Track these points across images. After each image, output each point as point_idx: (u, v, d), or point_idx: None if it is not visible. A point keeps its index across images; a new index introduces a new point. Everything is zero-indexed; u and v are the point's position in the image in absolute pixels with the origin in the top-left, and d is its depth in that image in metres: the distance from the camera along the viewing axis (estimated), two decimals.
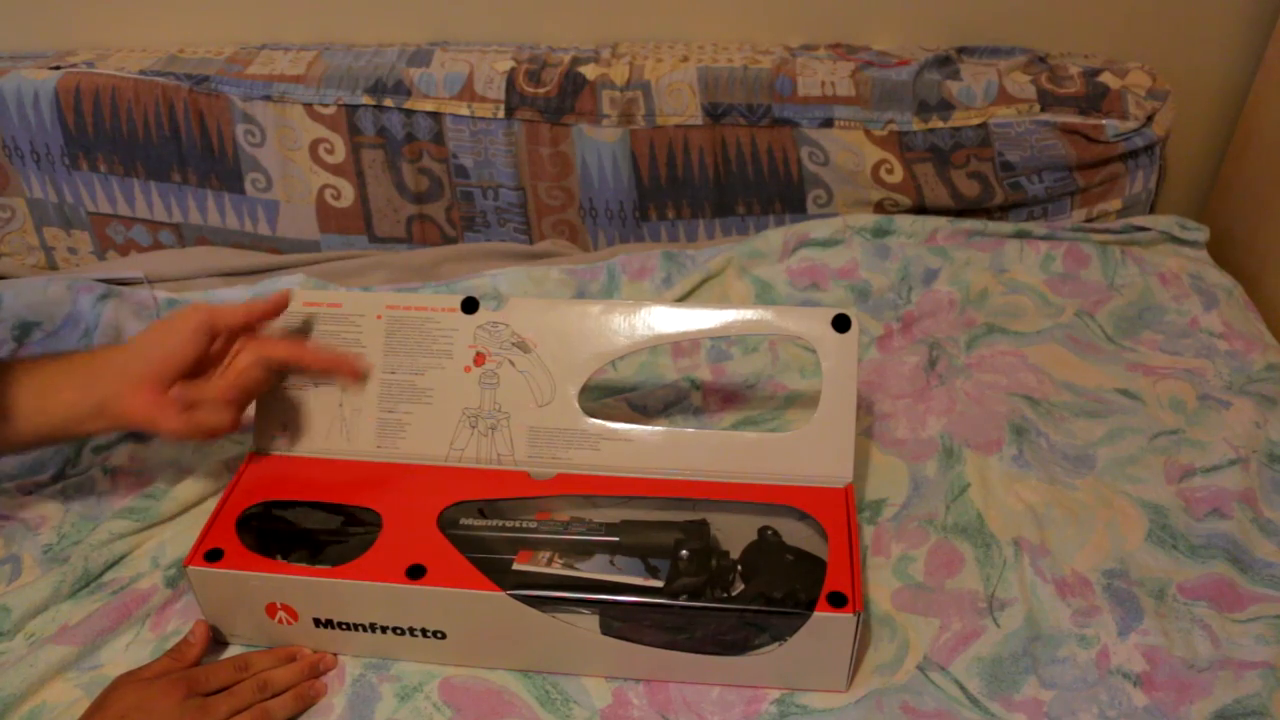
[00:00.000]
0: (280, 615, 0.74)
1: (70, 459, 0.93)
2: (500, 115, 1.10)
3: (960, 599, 0.79)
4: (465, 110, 1.10)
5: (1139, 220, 1.15)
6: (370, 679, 0.74)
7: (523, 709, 0.72)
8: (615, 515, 0.79)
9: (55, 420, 0.74)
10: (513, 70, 1.11)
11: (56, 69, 1.10)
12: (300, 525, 0.79)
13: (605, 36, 1.19)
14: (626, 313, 0.81)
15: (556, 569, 0.75)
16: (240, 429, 0.78)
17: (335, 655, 0.76)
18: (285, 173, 1.13)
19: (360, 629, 0.74)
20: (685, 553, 0.74)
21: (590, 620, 0.73)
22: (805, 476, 0.79)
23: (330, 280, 1.11)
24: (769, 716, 0.71)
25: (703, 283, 1.09)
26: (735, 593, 0.74)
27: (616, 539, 0.76)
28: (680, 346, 1.03)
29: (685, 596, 0.72)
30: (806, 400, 0.97)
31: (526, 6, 1.17)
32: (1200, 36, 1.18)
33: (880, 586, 0.80)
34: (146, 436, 0.95)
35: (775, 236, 1.12)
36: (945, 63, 1.15)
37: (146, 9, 1.16)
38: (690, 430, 0.82)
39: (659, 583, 0.73)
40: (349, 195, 1.14)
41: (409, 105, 1.10)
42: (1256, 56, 1.17)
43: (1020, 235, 1.12)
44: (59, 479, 0.91)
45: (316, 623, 0.74)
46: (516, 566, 0.75)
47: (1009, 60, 1.16)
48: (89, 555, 0.82)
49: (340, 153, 1.12)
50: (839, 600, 0.69)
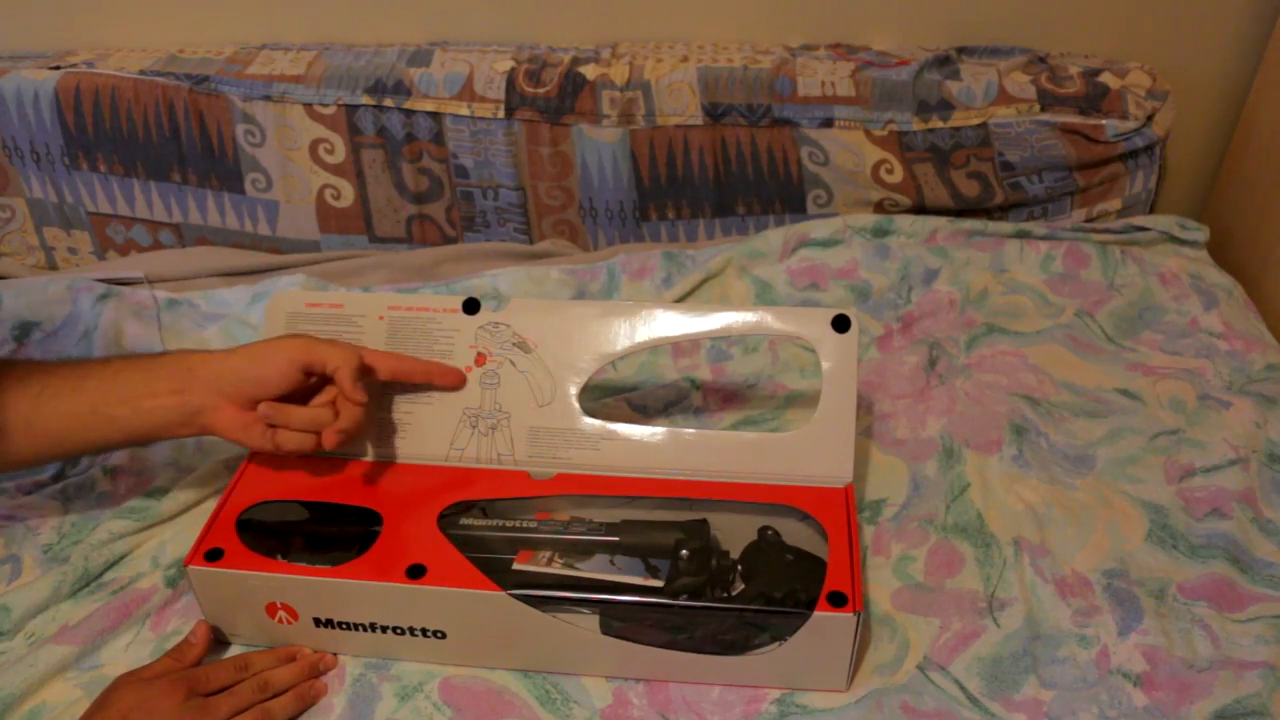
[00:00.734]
0: (280, 615, 0.74)
1: (70, 459, 0.93)
2: (500, 115, 1.10)
3: (960, 599, 0.79)
4: (465, 110, 1.10)
5: (1139, 220, 1.15)
6: (370, 679, 0.74)
7: (523, 709, 0.72)
8: (615, 515, 0.79)
9: (150, 423, 0.76)
10: (513, 70, 1.11)
11: (56, 69, 1.10)
12: (300, 525, 0.79)
13: (605, 36, 1.19)
14: (627, 313, 0.81)
15: (557, 569, 0.75)
16: (345, 445, 0.78)
17: (335, 655, 0.76)
18: (285, 173, 1.13)
19: (360, 629, 0.74)
20: (685, 552, 0.74)
21: (590, 620, 0.73)
22: (805, 476, 0.79)
23: (330, 280, 1.11)
24: (769, 716, 0.71)
25: (703, 283, 1.09)
26: (735, 592, 0.74)
27: (617, 539, 0.76)
28: (680, 346, 1.03)
29: (685, 596, 0.72)
30: (806, 400, 0.97)
31: (526, 6, 1.17)
32: (1200, 36, 1.18)
33: (880, 586, 0.80)
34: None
35: (775, 236, 1.12)
36: (945, 63, 1.15)
37: (146, 9, 1.16)
38: (690, 430, 0.82)
39: (659, 582, 0.73)
40: (349, 195, 1.14)
41: (409, 105, 1.10)
42: (1256, 56, 1.17)
43: (1020, 235, 1.12)
44: (59, 479, 0.91)
45: (316, 622, 0.74)
46: (517, 566, 0.75)
47: (1009, 60, 1.16)
48: (89, 555, 0.82)
49: (340, 153, 1.12)
50: (839, 600, 0.69)
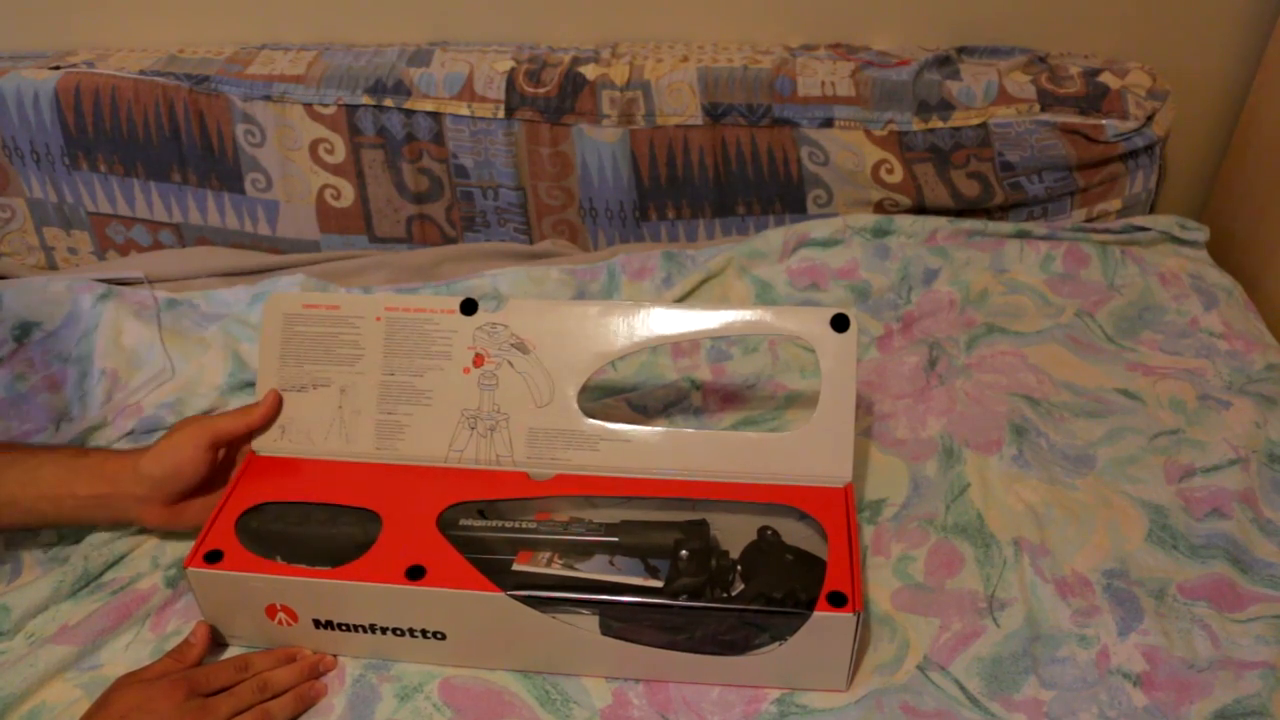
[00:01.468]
0: (280, 616, 0.74)
1: None
2: (500, 115, 1.10)
3: (960, 599, 0.79)
4: (465, 110, 1.10)
5: (1139, 220, 1.15)
6: (370, 679, 0.74)
7: (523, 709, 0.72)
8: (615, 515, 0.79)
9: (74, 518, 0.81)
10: (513, 70, 1.11)
11: (56, 69, 1.10)
12: (300, 526, 0.79)
13: (605, 36, 1.19)
14: (625, 313, 0.81)
15: (556, 569, 0.75)
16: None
17: (335, 656, 0.76)
18: (285, 173, 1.13)
19: (360, 630, 0.74)
20: (685, 553, 0.74)
21: (590, 621, 0.73)
22: (804, 476, 0.79)
23: (330, 280, 1.11)
24: (769, 716, 0.71)
25: (703, 283, 1.09)
26: (735, 593, 0.74)
27: (616, 539, 0.76)
28: (680, 347, 1.03)
29: (685, 596, 0.72)
30: (806, 400, 0.97)
31: (526, 6, 1.17)
32: (1200, 36, 1.18)
33: (880, 586, 0.80)
34: (147, 436, 0.96)
35: (775, 236, 1.12)
36: (945, 63, 1.15)
37: (146, 9, 1.16)
38: (689, 430, 0.82)
39: (659, 583, 0.73)
40: (349, 195, 1.14)
41: (409, 105, 1.10)
42: (1256, 56, 1.17)
43: (1020, 235, 1.12)
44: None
45: (316, 624, 0.74)
46: (516, 567, 0.75)
47: (1009, 60, 1.16)
48: (89, 555, 0.82)
49: (340, 153, 1.12)
50: (839, 600, 0.69)
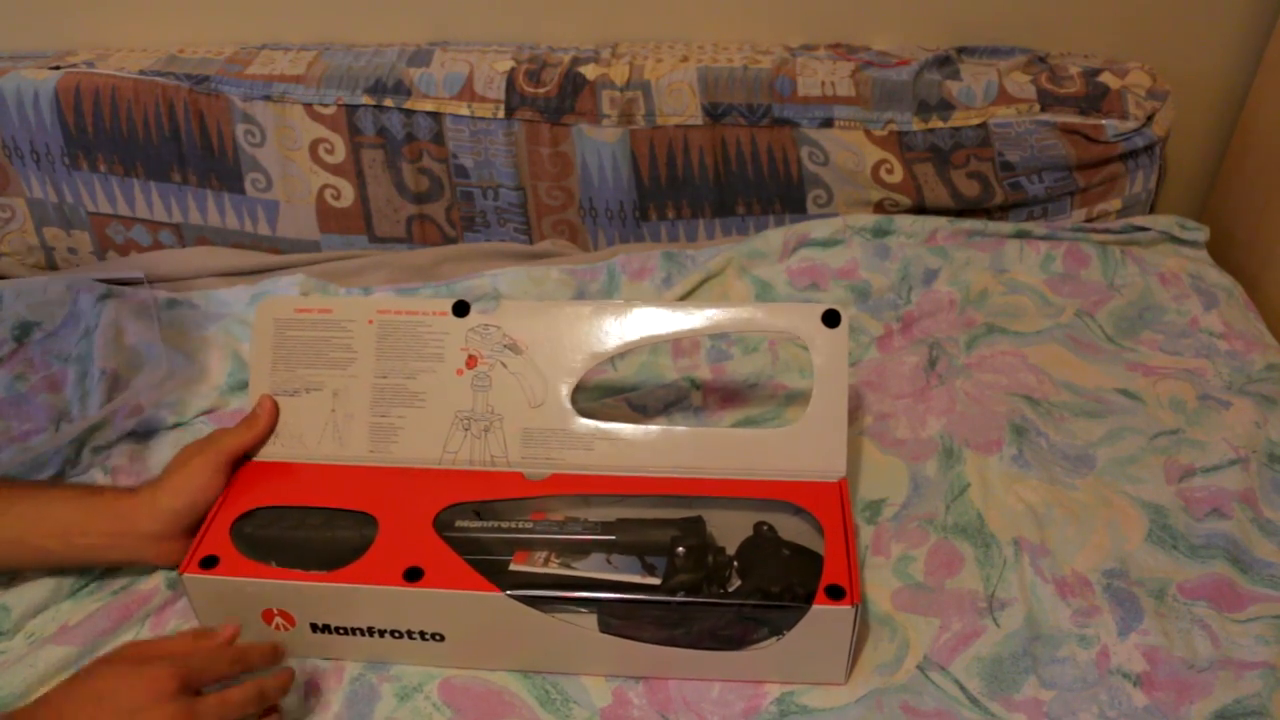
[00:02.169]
0: (277, 621, 0.74)
1: (70, 459, 0.93)
2: (500, 115, 1.10)
3: (960, 599, 0.79)
4: (465, 110, 1.10)
5: (1139, 220, 1.15)
6: (370, 679, 0.74)
7: (522, 709, 0.72)
8: (611, 514, 0.79)
9: (83, 557, 0.80)
10: (513, 70, 1.11)
11: (56, 69, 1.10)
12: (296, 530, 0.79)
13: (605, 36, 1.19)
14: (617, 313, 0.81)
15: (554, 569, 0.75)
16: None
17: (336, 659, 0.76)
18: (285, 173, 1.13)
19: (358, 633, 0.74)
20: (682, 549, 0.74)
21: (589, 619, 0.73)
22: (799, 471, 0.79)
23: (330, 280, 1.11)
24: (769, 716, 0.71)
25: (703, 283, 1.09)
26: (732, 588, 0.74)
27: (613, 538, 0.76)
28: (680, 346, 1.03)
29: (683, 593, 0.72)
30: (806, 399, 0.96)
31: (526, 6, 1.17)
32: (1200, 36, 1.18)
33: (880, 586, 0.80)
34: (147, 436, 0.96)
35: (775, 236, 1.12)
36: (945, 63, 1.15)
37: (146, 9, 1.16)
38: (682, 428, 0.82)
39: (656, 580, 0.73)
40: (349, 195, 1.14)
41: (409, 105, 1.10)
42: (1256, 56, 1.17)
43: (1020, 235, 1.12)
44: (59, 479, 0.91)
45: (314, 628, 0.74)
46: (514, 567, 0.75)
47: (1009, 60, 1.16)
48: None
49: (340, 153, 1.12)
50: (837, 593, 0.69)
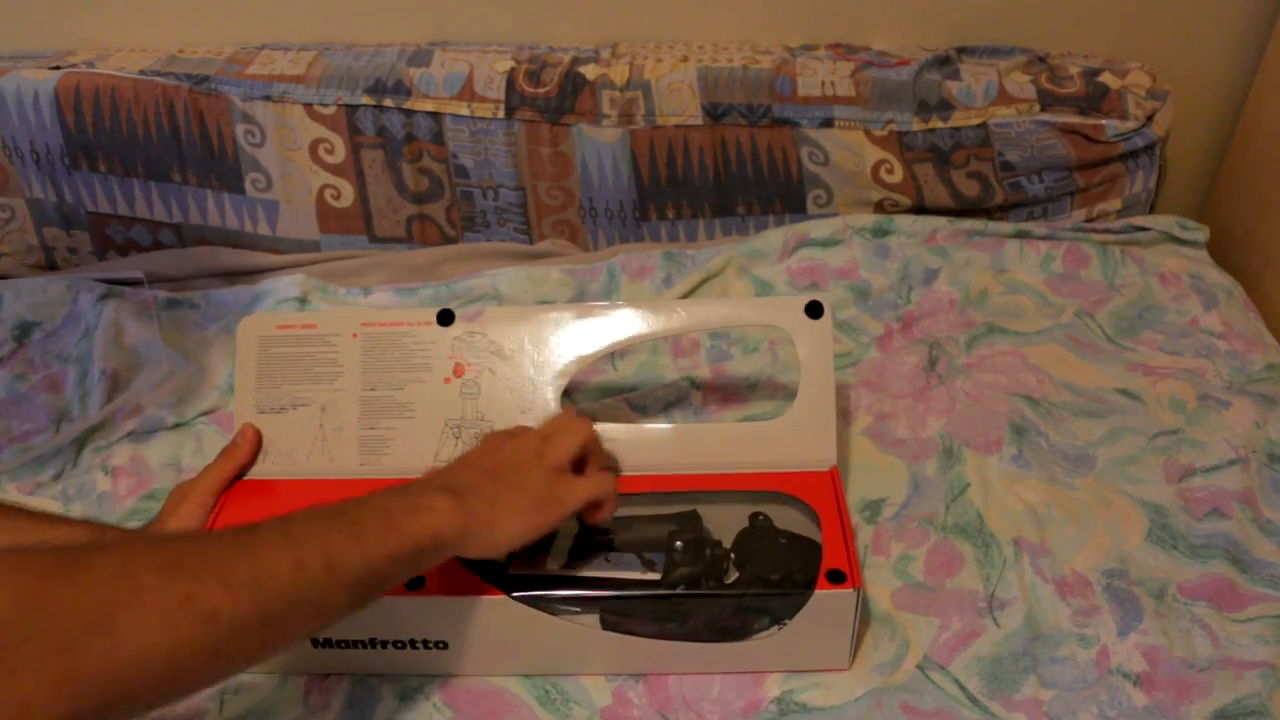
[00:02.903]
0: None
1: (71, 459, 0.93)
2: (500, 115, 1.10)
3: (960, 599, 0.79)
4: (465, 110, 1.10)
5: (1139, 220, 1.15)
6: (370, 679, 0.74)
7: (522, 709, 0.72)
8: None
9: None
10: (513, 70, 1.11)
11: (56, 69, 1.10)
12: None
13: (605, 36, 1.19)
14: (602, 314, 0.81)
15: (553, 570, 0.75)
16: None
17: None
18: (285, 173, 1.13)
19: (360, 645, 0.73)
20: (679, 544, 0.74)
21: (590, 619, 0.73)
22: (790, 463, 0.79)
23: (330, 280, 1.11)
24: (769, 714, 0.72)
25: (703, 283, 1.09)
26: (730, 580, 0.74)
27: (610, 536, 0.76)
28: (680, 346, 1.03)
29: (683, 587, 0.72)
30: None
31: (526, 6, 1.17)
32: (1200, 36, 1.18)
33: (880, 586, 0.80)
34: (147, 436, 0.96)
35: (775, 236, 1.12)
36: (945, 63, 1.15)
37: (146, 9, 1.16)
38: (672, 425, 0.81)
39: (656, 575, 0.74)
40: (349, 195, 1.14)
41: (409, 105, 1.10)
42: (1256, 56, 1.17)
43: (1020, 235, 1.12)
44: (59, 479, 0.91)
45: (315, 643, 0.73)
46: (513, 570, 0.75)
47: (1009, 60, 1.16)
48: None
49: (340, 153, 1.12)
50: (838, 577, 0.69)
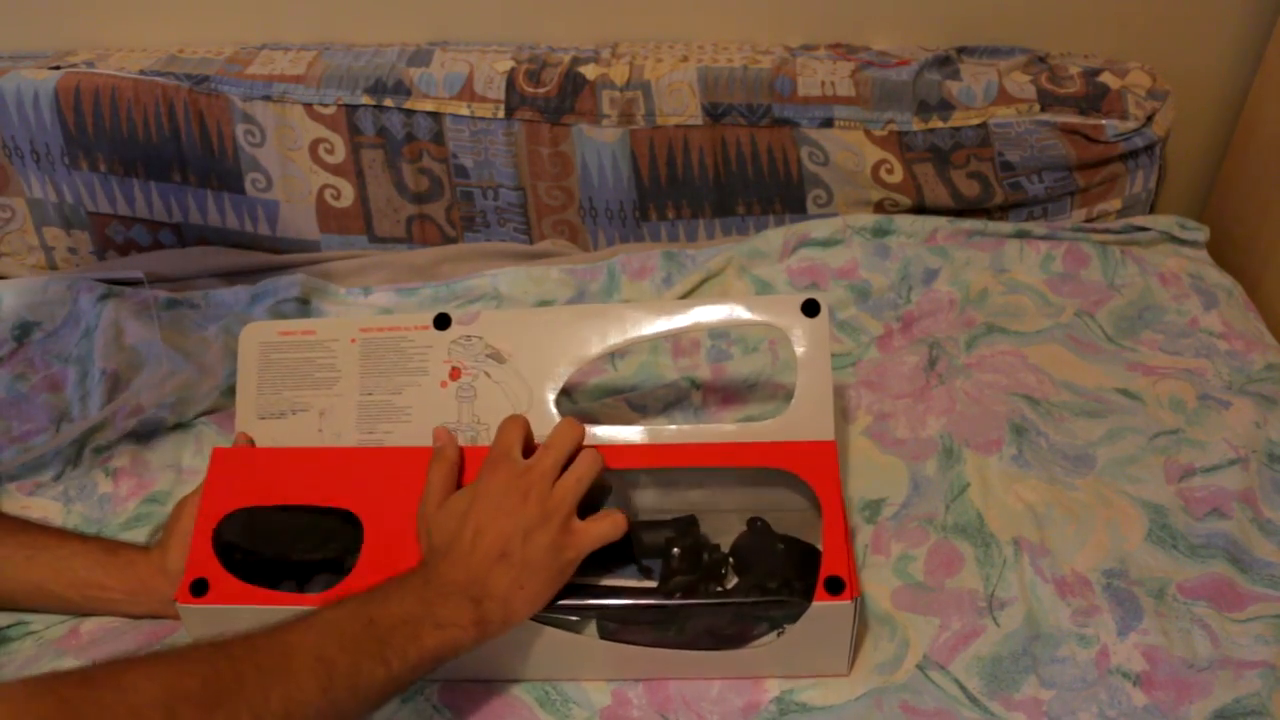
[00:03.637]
0: None
1: (71, 460, 0.93)
2: (500, 115, 1.10)
3: (960, 598, 0.79)
4: (465, 110, 1.10)
5: (1139, 220, 1.15)
6: None
7: (522, 710, 0.72)
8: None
9: (99, 609, 0.80)
10: (513, 70, 1.11)
11: (56, 69, 1.10)
12: (280, 540, 0.78)
13: (605, 36, 1.19)
14: (598, 316, 0.81)
15: None
16: None
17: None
18: (285, 173, 1.13)
19: None
20: (677, 551, 0.74)
21: (588, 626, 0.73)
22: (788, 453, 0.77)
23: (330, 280, 1.11)
24: (768, 714, 0.72)
25: (703, 282, 1.09)
26: (729, 586, 0.74)
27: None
28: (680, 346, 1.03)
29: (680, 594, 0.72)
30: None
31: (526, 6, 1.17)
32: (1200, 36, 1.18)
33: (880, 586, 0.80)
34: (147, 436, 0.96)
35: (775, 236, 1.12)
36: (945, 63, 1.15)
37: (146, 9, 1.16)
38: (671, 427, 0.81)
39: (653, 582, 0.73)
40: (349, 195, 1.14)
41: (409, 105, 1.10)
42: (1256, 56, 1.17)
43: (1020, 235, 1.12)
44: (60, 479, 0.92)
45: None
46: None
47: (1009, 60, 1.16)
48: None
49: (340, 153, 1.12)
50: (836, 586, 0.68)
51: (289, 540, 0.79)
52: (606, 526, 0.71)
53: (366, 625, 0.62)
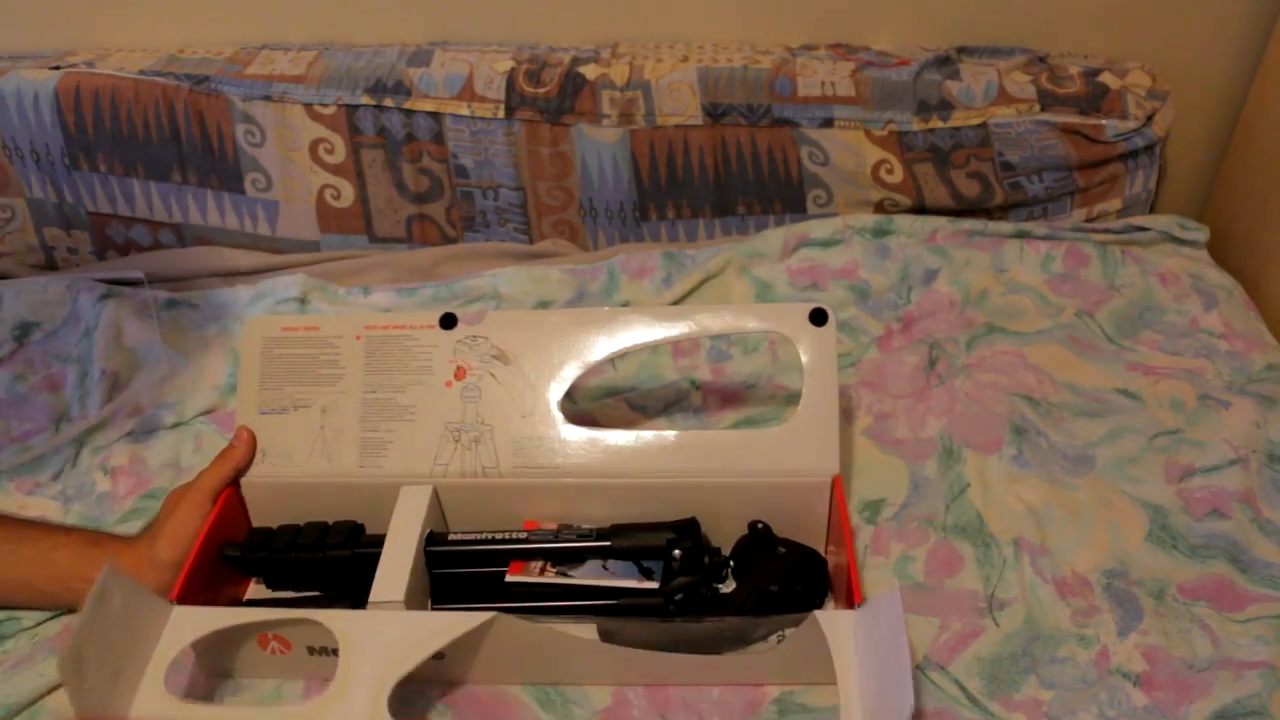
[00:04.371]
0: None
1: (70, 459, 0.93)
2: (500, 115, 1.10)
3: (960, 599, 0.79)
4: (465, 110, 1.10)
5: (1139, 220, 1.15)
6: None
7: (522, 710, 0.72)
8: (605, 519, 0.78)
9: (79, 596, 0.77)
10: (513, 70, 1.11)
11: (56, 69, 1.10)
12: (285, 551, 0.79)
13: (605, 36, 1.19)
14: (604, 319, 0.81)
15: (550, 578, 0.75)
16: None
17: None
18: (285, 173, 1.13)
19: None
20: (678, 552, 0.74)
21: (588, 628, 0.73)
22: (791, 471, 0.78)
23: (330, 280, 1.11)
24: (769, 715, 0.71)
25: (703, 283, 1.09)
26: (729, 589, 0.74)
27: (608, 543, 0.76)
28: (680, 347, 1.03)
29: (681, 596, 0.72)
30: None
31: (526, 6, 1.17)
32: (1200, 36, 1.18)
33: (880, 586, 0.80)
34: (147, 436, 0.96)
35: (775, 236, 1.12)
36: (945, 63, 1.15)
37: (146, 9, 1.16)
38: (672, 432, 0.81)
39: (654, 584, 0.73)
40: (349, 195, 1.14)
41: (409, 105, 1.10)
42: (1256, 56, 1.17)
43: (1020, 235, 1.12)
44: (59, 479, 0.91)
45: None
46: (510, 578, 0.74)
47: (1009, 60, 1.16)
48: None
49: (340, 153, 1.12)
50: (839, 595, 0.69)
51: (294, 547, 0.79)
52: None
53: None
